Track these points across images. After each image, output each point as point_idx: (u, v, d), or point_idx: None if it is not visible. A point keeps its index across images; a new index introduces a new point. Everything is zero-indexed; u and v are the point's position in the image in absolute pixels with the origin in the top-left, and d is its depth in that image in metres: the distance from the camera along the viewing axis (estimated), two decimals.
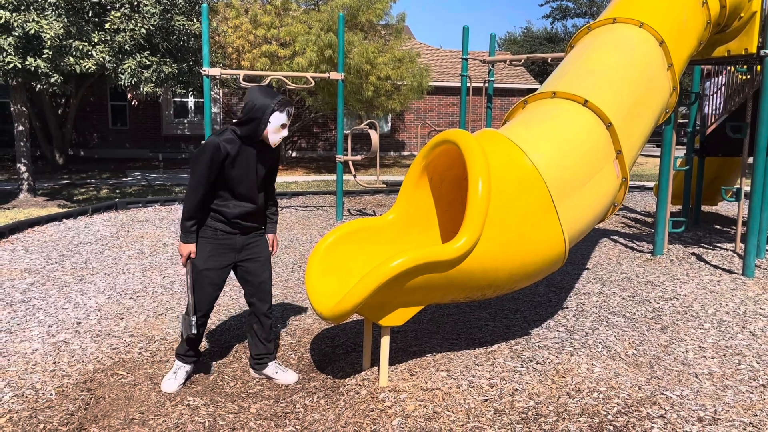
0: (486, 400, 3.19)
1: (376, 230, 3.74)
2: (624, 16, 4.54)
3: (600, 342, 3.98)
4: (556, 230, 3.37)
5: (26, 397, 3.27)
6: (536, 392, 3.27)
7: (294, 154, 21.67)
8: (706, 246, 7.02)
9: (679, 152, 12.69)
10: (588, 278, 5.63)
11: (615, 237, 7.61)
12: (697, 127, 8.18)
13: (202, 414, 3.16)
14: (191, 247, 3.30)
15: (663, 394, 3.27)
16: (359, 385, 3.41)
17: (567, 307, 4.75)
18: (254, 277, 3.48)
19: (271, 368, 3.59)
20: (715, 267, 6.06)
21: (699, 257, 6.47)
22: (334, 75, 8.72)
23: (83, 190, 12.92)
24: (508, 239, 3.23)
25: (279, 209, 9.74)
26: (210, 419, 3.11)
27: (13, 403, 3.21)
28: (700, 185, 8.46)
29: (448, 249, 3.04)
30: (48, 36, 9.03)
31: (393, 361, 3.65)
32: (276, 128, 3.27)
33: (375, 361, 3.62)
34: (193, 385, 3.48)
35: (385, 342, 3.34)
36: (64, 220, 8.23)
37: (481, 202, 3.08)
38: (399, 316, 3.27)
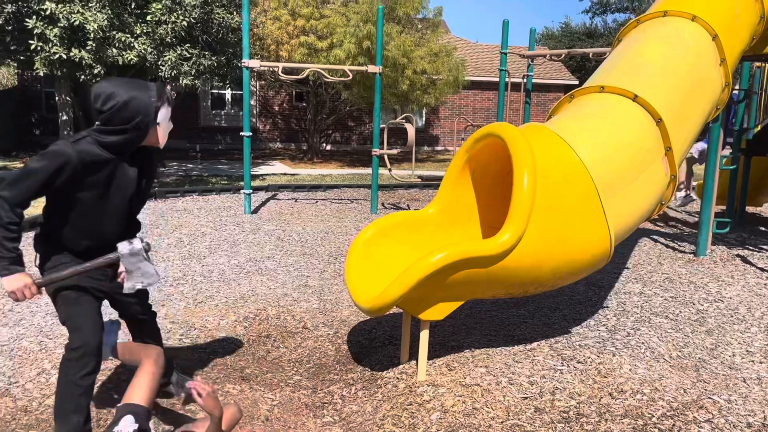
0: (526, 398, 3.14)
1: (417, 223, 3.72)
2: (675, 9, 4.41)
3: (643, 343, 3.89)
4: (601, 227, 3.30)
5: None
6: (577, 392, 3.22)
7: (328, 147, 21.75)
8: (751, 248, 6.82)
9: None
10: (628, 278, 5.52)
11: (655, 236, 7.44)
12: (745, 126, 7.94)
13: (240, 400, 3.18)
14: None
15: (710, 398, 3.18)
16: (397, 378, 3.40)
17: (607, 307, 4.66)
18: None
19: None
20: (762, 269, 5.88)
21: (744, 259, 6.28)
22: (371, 68, 8.70)
23: None
24: (553, 235, 3.17)
25: (315, 202, 9.80)
26: (251, 405, 3.13)
27: None
28: (746, 185, 8.21)
29: (491, 244, 3.00)
30: (92, 28, 9.21)
31: (431, 355, 3.62)
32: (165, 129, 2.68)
33: (412, 355, 3.60)
34: (232, 373, 3.51)
35: (424, 336, 3.32)
36: None
37: (526, 197, 3.03)
38: (439, 311, 3.24)
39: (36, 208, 8.13)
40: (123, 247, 2.57)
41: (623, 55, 4.18)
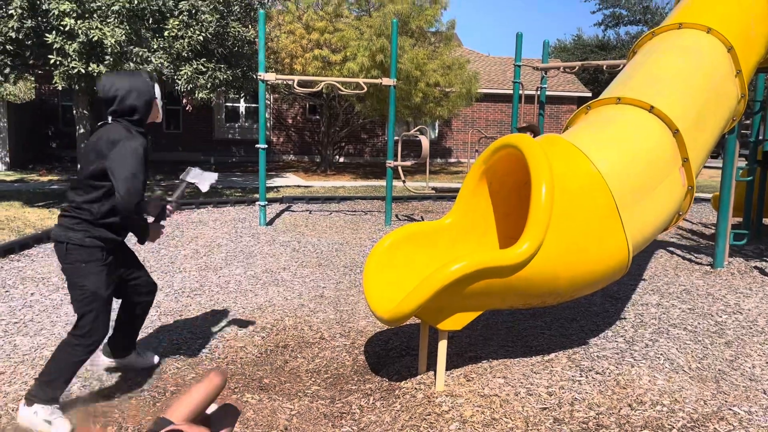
0: (545, 409, 3.14)
1: (434, 234, 3.74)
2: (691, 21, 4.43)
3: (661, 354, 3.87)
4: (619, 238, 3.31)
5: (93, 388, 3.38)
6: (596, 402, 3.20)
7: (342, 160, 21.86)
8: None
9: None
10: (645, 289, 5.49)
11: (671, 248, 7.40)
12: (761, 137, 7.89)
13: (259, 410, 3.20)
14: None
15: (730, 409, 3.16)
16: (415, 388, 3.40)
17: (625, 318, 4.64)
18: None
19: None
20: None
21: (762, 271, 6.23)
22: (386, 81, 8.76)
23: None
24: (571, 246, 3.18)
25: (329, 214, 9.85)
26: (269, 415, 3.15)
27: (80, 392, 3.32)
28: (762, 197, 8.15)
29: (509, 254, 3.02)
30: (110, 42, 9.35)
31: (449, 366, 3.63)
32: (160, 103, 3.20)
33: (430, 365, 3.61)
34: (250, 383, 3.54)
35: (442, 346, 3.33)
36: None
37: (544, 208, 3.04)
38: (457, 321, 3.25)
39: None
40: (190, 169, 3.47)
41: (639, 66, 4.19)
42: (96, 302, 2.97)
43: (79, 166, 3.07)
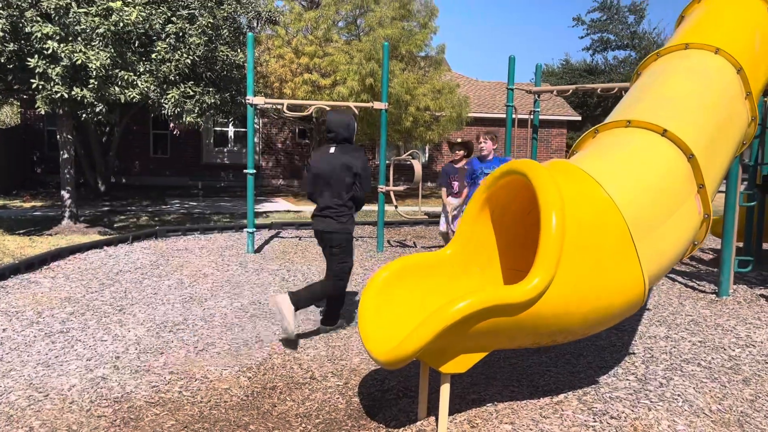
0: None
1: (434, 265, 3.49)
2: (698, 41, 4.26)
3: (679, 394, 3.61)
4: (635, 270, 3.07)
5: None
6: None
7: None
8: None
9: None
10: (651, 320, 5.25)
11: (671, 274, 7.18)
12: (760, 161, 7.74)
13: None
14: None
15: None
16: None
17: (634, 353, 4.39)
18: None
19: None
20: None
21: None
22: (377, 104, 8.58)
23: (123, 217, 12.99)
24: (584, 280, 2.93)
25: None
26: None
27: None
28: (761, 222, 7.97)
29: (518, 290, 2.77)
30: (94, 66, 9.11)
31: (450, 410, 3.34)
32: None
33: (431, 409, 3.33)
34: (235, 431, 3.24)
35: (444, 391, 3.06)
36: (105, 248, 8.17)
37: (555, 239, 2.81)
38: (461, 363, 2.99)
39: (34, 249, 7.84)
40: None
41: (647, 88, 4.00)
42: (352, 266, 4.80)
43: (325, 179, 4.64)
